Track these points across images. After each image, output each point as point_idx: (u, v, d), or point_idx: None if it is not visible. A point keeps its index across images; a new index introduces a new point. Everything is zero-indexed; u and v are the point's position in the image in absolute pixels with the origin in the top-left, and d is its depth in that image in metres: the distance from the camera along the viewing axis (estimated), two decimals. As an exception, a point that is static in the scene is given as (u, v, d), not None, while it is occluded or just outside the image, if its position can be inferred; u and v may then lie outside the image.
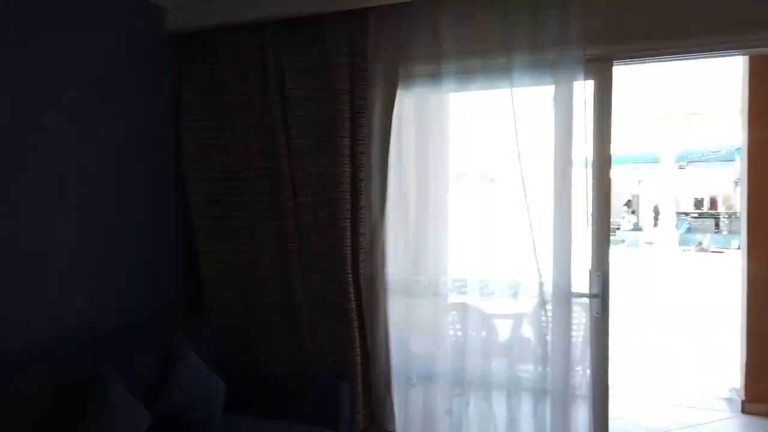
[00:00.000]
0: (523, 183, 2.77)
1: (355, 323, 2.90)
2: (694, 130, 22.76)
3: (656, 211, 22.02)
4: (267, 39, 3.00)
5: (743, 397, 4.36)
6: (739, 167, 17.20)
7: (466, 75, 2.85)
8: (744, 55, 3.58)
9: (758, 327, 4.39)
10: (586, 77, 2.69)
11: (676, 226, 20.16)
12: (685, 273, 14.14)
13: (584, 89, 2.70)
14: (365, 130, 2.93)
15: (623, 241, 22.13)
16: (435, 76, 2.89)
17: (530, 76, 2.77)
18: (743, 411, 4.30)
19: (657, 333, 7.42)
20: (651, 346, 6.75)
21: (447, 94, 2.95)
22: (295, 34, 2.98)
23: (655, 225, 21.30)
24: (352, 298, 2.91)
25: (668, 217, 19.92)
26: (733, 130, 18.83)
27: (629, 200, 25.99)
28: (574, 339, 2.84)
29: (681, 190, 26.34)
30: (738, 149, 14.30)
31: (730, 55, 2.75)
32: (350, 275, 2.91)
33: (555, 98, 2.75)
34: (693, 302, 9.91)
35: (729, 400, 4.55)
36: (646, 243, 20.89)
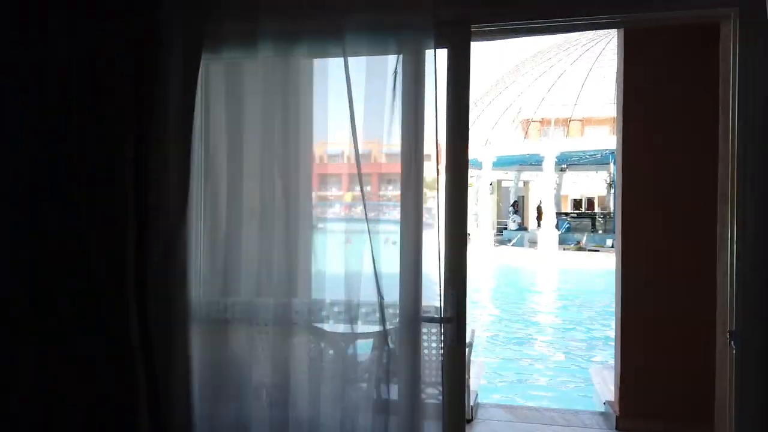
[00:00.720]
0: (360, 179, 2.18)
1: (141, 368, 2.15)
2: (574, 135, 24.04)
3: (539, 212, 22.84)
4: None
5: (617, 412, 4.08)
6: (613, 170, 18.19)
7: (289, 38, 2.21)
8: (618, 27, 3.25)
9: (631, 333, 4.14)
10: (438, 45, 2.14)
11: (557, 226, 20.96)
12: (566, 273, 14.54)
13: (435, 60, 2.14)
14: (157, 107, 2.19)
15: (509, 240, 22.77)
16: (249, 38, 2.21)
17: (368, 41, 2.18)
18: (617, 427, 4.01)
19: (534, 342, 7.24)
20: (526, 356, 6.52)
21: (266, 62, 2.26)
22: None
23: (539, 225, 22.06)
24: (136, 331, 2.16)
25: (550, 218, 20.67)
26: (608, 135, 19.98)
27: (515, 201, 26.87)
28: (424, 368, 2.29)
29: (562, 191, 27.73)
30: (612, 153, 15.03)
31: (604, 26, 2.32)
32: (132, 300, 2.15)
33: (402, 71, 2.18)
34: (573, 305, 10.01)
35: (604, 415, 4.27)
36: (530, 242, 21.59)
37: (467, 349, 4.19)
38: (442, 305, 2.18)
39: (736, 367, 1.95)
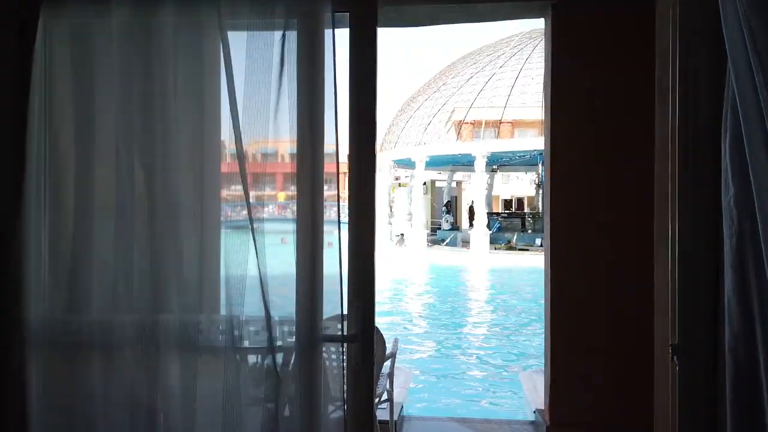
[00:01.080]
0: (242, 172, 1.78)
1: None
2: (504, 137, 24.41)
3: (471, 212, 22.98)
4: None
5: (547, 422, 3.86)
6: (541, 170, 18.49)
7: (151, -6, 1.78)
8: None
9: (560, 335, 3.93)
10: (337, 8, 1.78)
11: (489, 226, 21.13)
12: (497, 272, 14.56)
13: (333, 28, 1.78)
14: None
15: (443, 240, 22.80)
16: (101, -7, 1.77)
17: (249, 3, 1.78)
18: (547, 437, 3.79)
19: (465, 346, 7.03)
20: (457, 361, 6.28)
21: (122, 24, 1.81)
22: None
23: (471, 225, 22.17)
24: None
25: (482, 217, 20.80)
26: (536, 137, 20.36)
27: (448, 201, 26.98)
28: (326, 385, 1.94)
29: (493, 191, 28.13)
30: (541, 153, 15.23)
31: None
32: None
33: (296, 43, 1.81)
34: (505, 306, 9.93)
35: (534, 424, 4.06)
36: (463, 242, 21.68)
37: (389, 361, 3.87)
38: (346, 321, 1.83)
39: (680, 386, 1.69)
